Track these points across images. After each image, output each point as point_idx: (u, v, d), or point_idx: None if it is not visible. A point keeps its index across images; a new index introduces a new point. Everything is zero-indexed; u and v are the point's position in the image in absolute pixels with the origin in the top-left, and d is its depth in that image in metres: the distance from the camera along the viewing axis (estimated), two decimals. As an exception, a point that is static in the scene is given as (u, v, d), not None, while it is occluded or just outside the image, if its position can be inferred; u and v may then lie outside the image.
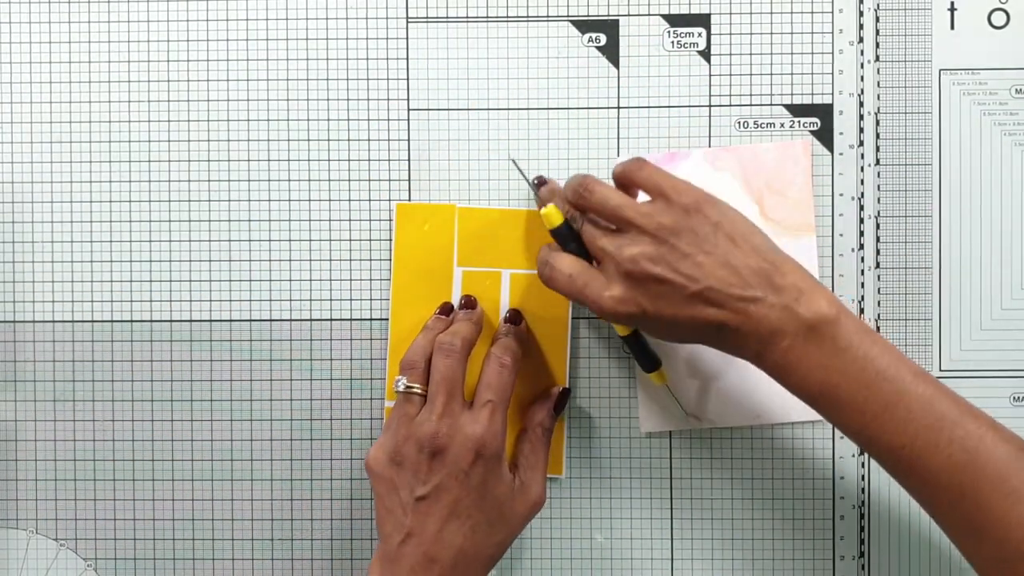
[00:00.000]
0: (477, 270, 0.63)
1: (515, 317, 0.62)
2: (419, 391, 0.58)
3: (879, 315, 0.63)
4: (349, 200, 0.63)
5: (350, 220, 0.63)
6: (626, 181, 0.56)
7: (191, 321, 0.64)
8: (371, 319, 0.64)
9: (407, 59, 0.63)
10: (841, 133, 0.63)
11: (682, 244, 0.52)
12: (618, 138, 0.63)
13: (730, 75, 0.63)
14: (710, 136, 0.63)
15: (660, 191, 0.54)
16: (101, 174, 0.63)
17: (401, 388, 0.58)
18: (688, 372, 0.63)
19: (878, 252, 0.63)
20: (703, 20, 0.63)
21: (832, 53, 0.63)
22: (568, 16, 0.63)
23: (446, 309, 0.61)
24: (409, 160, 0.63)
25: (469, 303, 0.61)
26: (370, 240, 0.64)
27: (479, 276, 0.63)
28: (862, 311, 0.63)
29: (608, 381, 0.63)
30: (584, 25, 0.63)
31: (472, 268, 0.63)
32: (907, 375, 0.51)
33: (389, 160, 0.63)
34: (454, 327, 0.59)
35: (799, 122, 0.63)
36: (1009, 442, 0.50)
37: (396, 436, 0.57)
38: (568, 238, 0.57)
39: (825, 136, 0.63)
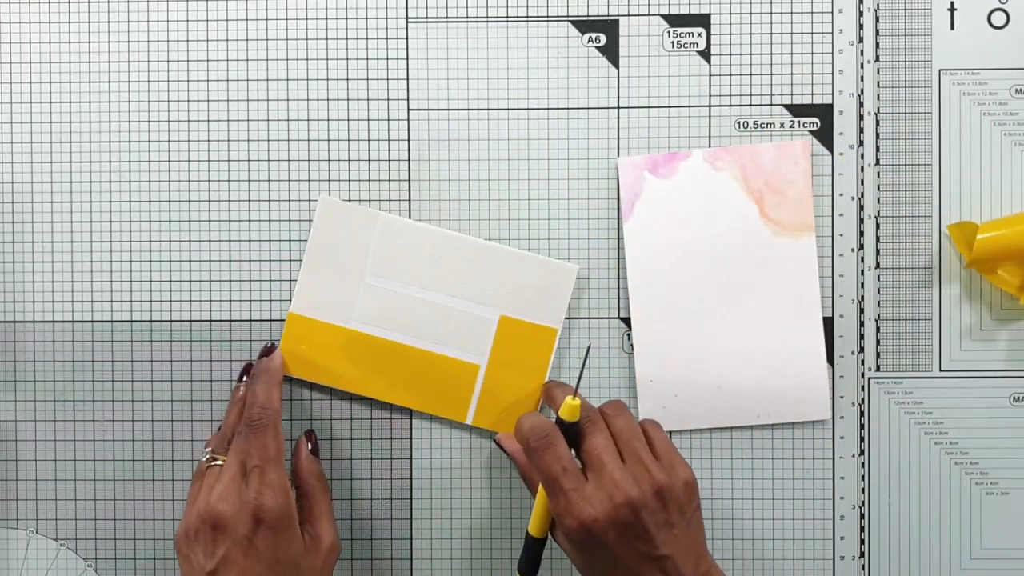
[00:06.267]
0: (385, 285, 0.62)
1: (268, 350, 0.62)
2: (220, 463, 0.57)
3: (879, 315, 0.63)
4: (349, 200, 0.63)
5: (350, 220, 0.63)
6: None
7: (191, 321, 0.64)
8: (371, 319, 0.63)
9: (407, 59, 0.63)
10: (841, 133, 0.63)
11: (671, 511, 0.54)
12: (618, 138, 0.63)
13: (730, 75, 0.63)
14: (710, 136, 0.63)
15: (667, 452, 0.56)
16: (101, 174, 0.63)
17: (204, 459, 0.58)
18: (690, 373, 0.63)
19: (878, 252, 0.63)
20: (703, 20, 0.63)
21: (832, 53, 0.63)
22: (568, 16, 0.63)
23: (248, 372, 0.62)
24: (409, 160, 0.63)
25: (266, 351, 0.61)
26: (370, 240, 0.63)
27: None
28: (862, 311, 0.63)
29: (608, 381, 0.63)
30: (584, 25, 0.63)
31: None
32: None
33: (389, 160, 0.63)
34: (253, 396, 0.58)
35: (799, 122, 0.63)
36: None
37: (194, 510, 0.55)
38: (570, 434, 0.56)
39: (825, 136, 0.63)
